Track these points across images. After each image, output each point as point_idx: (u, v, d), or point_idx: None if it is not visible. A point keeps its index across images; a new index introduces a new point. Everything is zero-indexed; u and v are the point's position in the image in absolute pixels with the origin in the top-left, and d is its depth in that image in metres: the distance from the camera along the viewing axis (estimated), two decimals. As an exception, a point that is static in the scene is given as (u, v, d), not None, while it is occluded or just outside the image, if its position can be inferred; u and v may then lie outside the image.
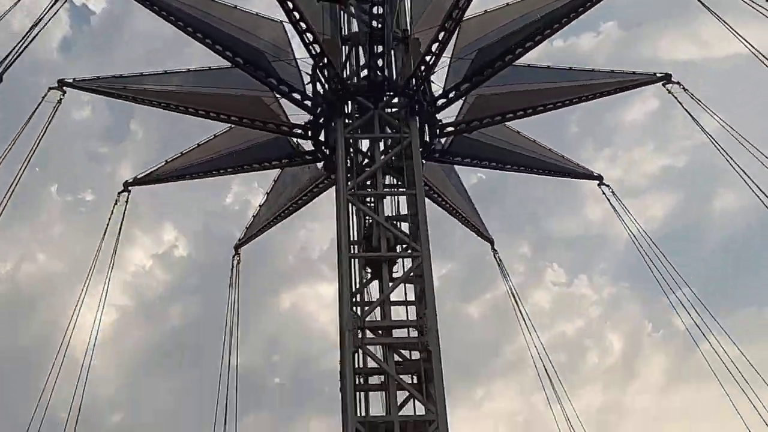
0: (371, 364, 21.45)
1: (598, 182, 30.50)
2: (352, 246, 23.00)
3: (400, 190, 24.12)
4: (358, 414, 20.42)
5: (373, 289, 23.50)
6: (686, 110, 26.73)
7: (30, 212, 57.71)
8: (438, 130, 26.69)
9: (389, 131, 25.17)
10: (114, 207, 26.83)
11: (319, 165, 27.96)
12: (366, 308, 22.17)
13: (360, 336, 21.06)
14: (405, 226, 23.60)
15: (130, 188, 27.92)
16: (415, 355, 21.67)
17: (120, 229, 26.20)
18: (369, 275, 23.10)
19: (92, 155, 61.66)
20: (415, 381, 21.49)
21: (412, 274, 22.51)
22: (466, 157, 28.92)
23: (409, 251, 22.83)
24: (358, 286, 22.57)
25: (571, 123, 58.59)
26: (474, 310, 57.98)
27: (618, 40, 61.83)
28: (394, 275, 22.79)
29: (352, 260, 22.65)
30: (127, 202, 27.04)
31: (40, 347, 53.46)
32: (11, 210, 22.68)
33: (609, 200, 29.70)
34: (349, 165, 24.37)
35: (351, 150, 24.91)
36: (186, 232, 58.02)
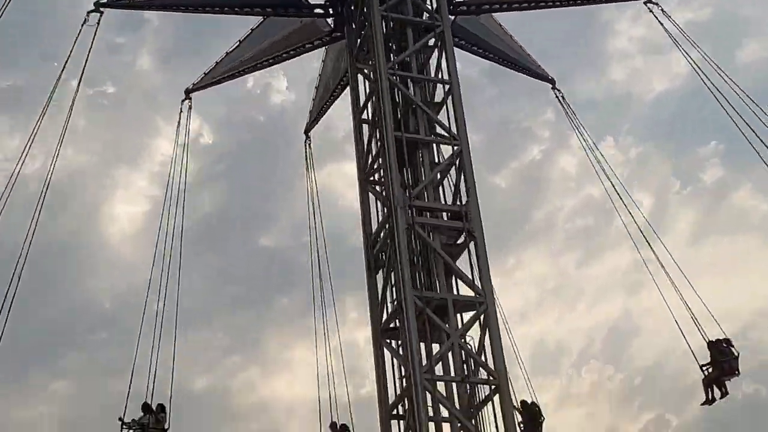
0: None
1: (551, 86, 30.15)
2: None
3: (437, 78, 23.89)
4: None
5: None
6: (668, 33, 27.58)
7: (52, 108, 57.68)
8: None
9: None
10: None
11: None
12: (414, 188, 21.97)
13: (411, 215, 20.99)
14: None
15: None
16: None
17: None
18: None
19: (110, 47, 61.28)
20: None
21: (450, 163, 22.55)
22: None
23: (448, 139, 22.80)
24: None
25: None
26: (501, 180, 58.16)
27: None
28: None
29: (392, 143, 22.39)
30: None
31: (78, 239, 54.60)
32: (35, 107, 22.86)
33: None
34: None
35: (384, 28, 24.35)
36: (209, 120, 57.97)
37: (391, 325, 20.98)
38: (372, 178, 23.28)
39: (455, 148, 22.52)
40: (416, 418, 18.42)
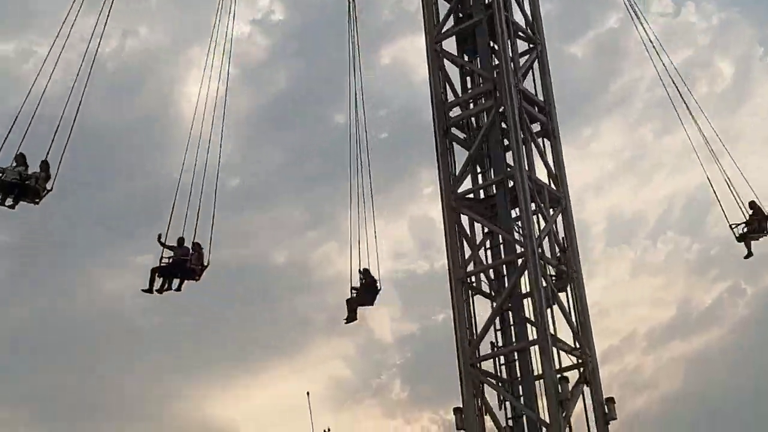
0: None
1: None
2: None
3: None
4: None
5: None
6: None
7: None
8: None
9: None
10: None
11: None
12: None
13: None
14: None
15: None
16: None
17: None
18: None
19: None
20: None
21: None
22: None
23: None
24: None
25: None
26: (577, 50, 56.98)
27: None
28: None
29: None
30: None
31: (155, 119, 55.43)
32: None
33: None
34: None
35: None
36: (280, -4, 57.69)
37: (469, 196, 20.92)
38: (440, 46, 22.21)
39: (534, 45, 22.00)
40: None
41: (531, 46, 22.03)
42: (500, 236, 20.07)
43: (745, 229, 23.04)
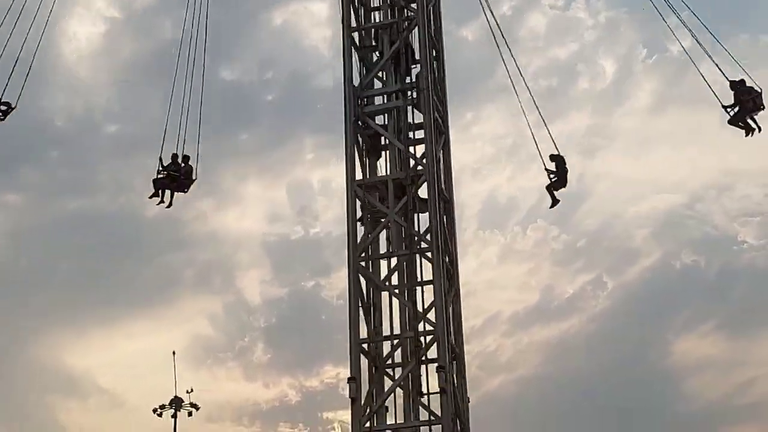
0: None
1: None
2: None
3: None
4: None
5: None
6: None
7: None
8: None
9: None
10: None
11: None
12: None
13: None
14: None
15: None
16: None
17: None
18: None
19: None
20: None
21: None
22: None
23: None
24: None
25: None
26: (468, 33, 57.50)
27: None
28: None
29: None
30: None
31: (30, 55, 53.04)
32: None
33: None
34: None
35: None
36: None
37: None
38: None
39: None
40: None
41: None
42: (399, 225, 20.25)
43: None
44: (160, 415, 40.32)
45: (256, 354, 58.45)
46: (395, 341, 19.82)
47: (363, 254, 20.13)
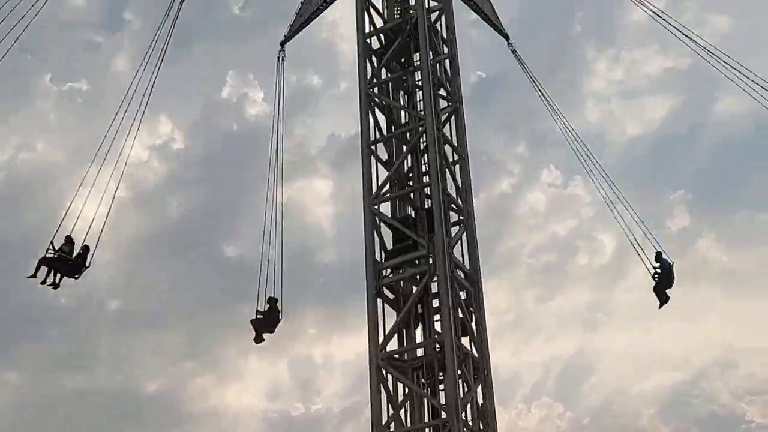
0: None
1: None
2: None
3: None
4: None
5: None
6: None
7: (25, 100, 57.26)
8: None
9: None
10: None
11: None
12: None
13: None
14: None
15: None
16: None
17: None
18: None
19: (87, 44, 60.87)
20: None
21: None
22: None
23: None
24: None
25: (576, 23, 58.34)
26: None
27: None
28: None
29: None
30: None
31: (39, 235, 53.73)
32: (7, 98, 22.82)
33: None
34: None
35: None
36: (182, 125, 57.66)
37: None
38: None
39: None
40: None
41: (460, 218, 22.80)
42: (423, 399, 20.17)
43: None
44: None
45: None
46: None
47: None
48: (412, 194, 23.15)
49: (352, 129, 56.30)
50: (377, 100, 24.27)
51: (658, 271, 24.70)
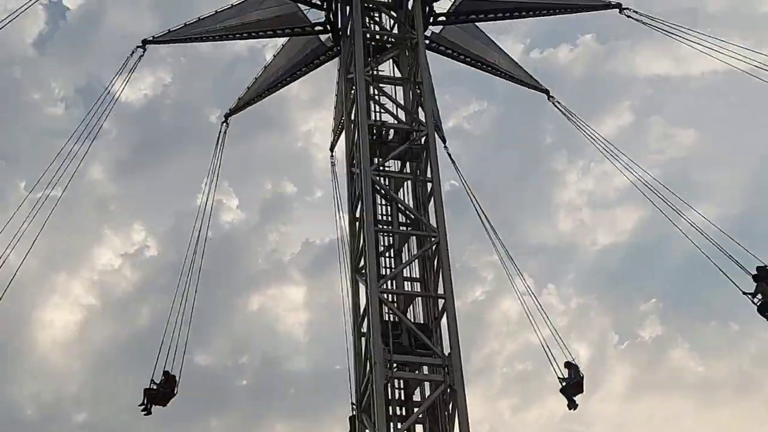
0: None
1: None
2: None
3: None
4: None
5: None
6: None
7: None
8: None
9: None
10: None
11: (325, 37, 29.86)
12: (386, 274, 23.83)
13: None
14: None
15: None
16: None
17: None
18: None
19: (63, 152, 60.98)
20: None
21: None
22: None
23: (426, 232, 24.22)
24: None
25: (547, 134, 59.24)
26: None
27: (595, 53, 62.54)
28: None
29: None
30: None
31: (6, 343, 52.91)
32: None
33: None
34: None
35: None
36: (156, 233, 57.56)
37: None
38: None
39: (432, 239, 23.81)
40: None
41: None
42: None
43: None
44: None
45: None
46: None
47: None
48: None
49: (326, 236, 56.72)
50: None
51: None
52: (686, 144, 59.79)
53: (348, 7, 27.82)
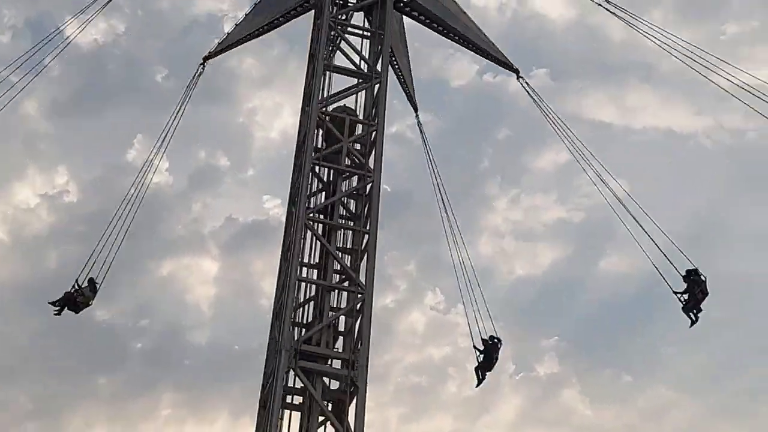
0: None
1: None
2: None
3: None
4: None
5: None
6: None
7: None
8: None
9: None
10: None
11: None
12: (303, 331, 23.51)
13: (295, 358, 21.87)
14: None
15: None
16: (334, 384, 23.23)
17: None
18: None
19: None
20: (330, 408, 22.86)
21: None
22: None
23: (350, 286, 24.53)
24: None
25: (485, 157, 59.79)
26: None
27: (544, 87, 63.19)
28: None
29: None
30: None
31: None
32: None
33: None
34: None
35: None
36: (79, 180, 56.56)
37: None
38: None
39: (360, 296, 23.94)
40: None
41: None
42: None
43: None
44: None
45: None
46: None
47: None
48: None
49: (250, 216, 56.42)
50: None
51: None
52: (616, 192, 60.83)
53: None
